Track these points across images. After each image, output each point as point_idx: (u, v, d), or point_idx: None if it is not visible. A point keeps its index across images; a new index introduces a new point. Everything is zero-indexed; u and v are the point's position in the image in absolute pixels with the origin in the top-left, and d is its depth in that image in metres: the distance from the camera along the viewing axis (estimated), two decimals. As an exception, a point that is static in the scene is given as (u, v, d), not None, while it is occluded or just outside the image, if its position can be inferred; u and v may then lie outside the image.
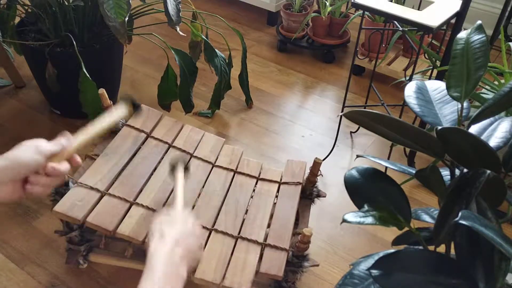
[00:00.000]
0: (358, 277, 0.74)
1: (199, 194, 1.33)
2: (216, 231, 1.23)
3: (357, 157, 0.96)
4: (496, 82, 1.53)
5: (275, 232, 1.25)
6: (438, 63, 1.67)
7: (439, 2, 1.57)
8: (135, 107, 1.14)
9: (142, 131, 1.45)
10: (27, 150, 0.80)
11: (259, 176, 1.42)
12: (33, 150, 0.80)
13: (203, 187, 1.35)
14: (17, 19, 1.94)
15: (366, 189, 0.84)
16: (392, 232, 0.81)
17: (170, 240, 0.81)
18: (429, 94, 0.86)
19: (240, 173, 1.41)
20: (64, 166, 0.82)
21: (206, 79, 2.27)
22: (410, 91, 0.85)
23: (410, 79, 1.63)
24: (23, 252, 1.50)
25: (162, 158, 1.39)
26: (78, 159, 0.87)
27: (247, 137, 2.02)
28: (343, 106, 1.84)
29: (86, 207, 1.21)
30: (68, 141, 0.87)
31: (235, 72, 2.07)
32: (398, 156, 1.94)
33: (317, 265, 1.24)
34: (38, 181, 0.79)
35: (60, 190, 1.27)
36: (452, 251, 0.75)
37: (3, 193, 0.78)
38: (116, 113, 1.11)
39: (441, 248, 0.78)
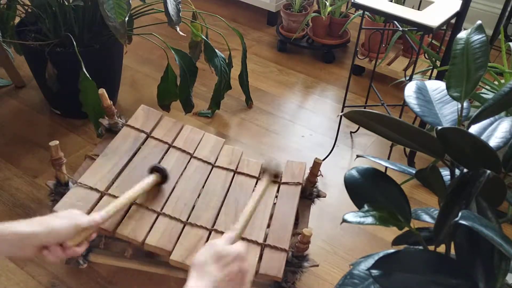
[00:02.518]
0: (358, 277, 0.74)
1: (199, 194, 1.33)
2: (216, 231, 1.23)
3: (357, 157, 0.96)
4: (496, 82, 1.53)
5: (274, 232, 1.25)
6: (438, 63, 1.67)
7: (439, 2, 1.57)
8: (163, 177, 1.26)
9: (142, 131, 1.45)
10: (65, 222, 0.84)
11: (259, 176, 1.42)
12: (70, 225, 0.85)
13: (203, 187, 1.35)
14: (17, 19, 1.94)
15: (366, 189, 0.84)
16: (392, 232, 0.81)
17: (211, 279, 0.74)
18: (429, 94, 0.86)
19: (240, 173, 1.41)
20: (82, 249, 0.88)
21: (206, 79, 2.27)
22: (410, 91, 0.85)
23: (410, 79, 1.63)
24: (23, 252, 1.50)
25: (162, 158, 1.39)
26: (94, 236, 0.93)
27: (247, 137, 2.02)
28: (343, 106, 1.84)
29: (86, 207, 1.21)
30: (101, 218, 0.94)
31: (235, 72, 2.07)
32: (398, 156, 1.94)
33: (317, 265, 1.24)
34: (56, 252, 0.83)
35: (60, 190, 1.27)
36: (452, 251, 0.75)
37: (22, 253, 0.81)
38: (146, 182, 1.20)
39: (441, 248, 0.78)
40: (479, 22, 0.81)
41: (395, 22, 1.75)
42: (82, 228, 0.87)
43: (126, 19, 1.50)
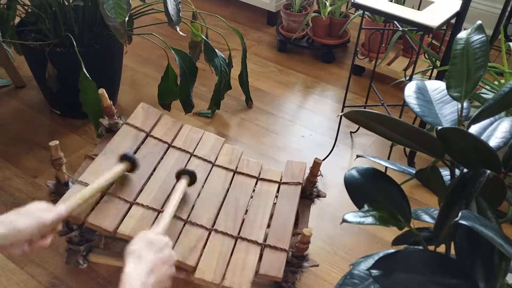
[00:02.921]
0: (358, 277, 0.74)
1: (199, 194, 1.33)
2: (216, 231, 1.23)
3: (357, 157, 0.96)
4: (496, 82, 1.52)
5: (275, 232, 1.25)
6: (438, 63, 1.67)
7: (439, 2, 1.57)
8: (134, 164, 1.26)
9: (142, 130, 1.45)
10: (30, 221, 0.85)
11: (259, 176, 1.42)
12: (36, 223, 0.85)
13: (202, 187, 1.35)
14: (17, 19, 1.94)
15: (366, 189, 0.84)
16: (392, 232, 0.81)
17: (147, 264, 0.82)
18: (429, 94, 0.86)
19: (240, 173, 1.41)
20: (48, 241, 0.90)
21: (206, 79, 2.27)
22: (410, 91, 0.85)
23: (410, 79, 1.63)
24: (23, 252, 1.50)
25: (162, 157, 1.39)
26: (59, 227, 0.94)
27: (247, 137, 2.02)
28: (343, 106, 1.84)
29: (86, 207, 1.21)
30: (66, 210, 0.94)
31: (235, 72, 2.07)
32: (398, 156, 1.94)
33: (317, 265, 1.24)
34: (23, 248, 0.86)
35: (60, 190, 1.27)
36: (452, 251, 0.75)
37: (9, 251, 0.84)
38: (114, 171, 1.19)
39: (441, 248, 0.78)
40: (479, 22, 0.81)
41: (395, 22, 1.75)
42: (49, 225, 0.88)
43: (126, 19, 1.50)
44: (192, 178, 1.29)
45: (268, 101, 2.22)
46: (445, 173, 0.83)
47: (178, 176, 1.29)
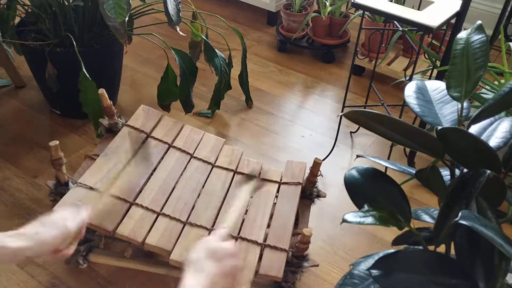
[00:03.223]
0: (358, 277, 0.74)
1: (199, 194, 1.33)
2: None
3: (357, 157, 0.96)
4: (496, 82, 1.52)
5: (274, 232, 1.25)
6: (438, 63, 1.67)
7: (439, 2, 1.57)
8: None
9: (142, 131, 1.45)
10: (55, 232, 0.84)
11: (259, 176, 1.42)
12: (60, 234, 0.85)
13: (203, 187, 1.35)
14: (17, 19, 1.94)
15: (366, 189, 0.84)
16: (392, 232, 0.81)
17: (208, 277, 0.76)
18: (429, 94, 0.86)
19: (240, 173, 1.41)
20: (72, 249, 0.89)
21: (206, 79, 2.27)
22: (410, 91, 0.85)
23: (410, 79, 1.63)
24: (23, 252, 1.50)
25: (162, 158, 1.39)
26: (83, 232, 0.93)
27: (247, 137, 2.02)
28: (343, 106, 1.84)
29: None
30: (89, 217, 0.93)
31: (235, 72, 2.07)
32: (398, 156, 1.94)
33: (317, 265, 1.24)
34: (48, 258, 0.87)
35: (60, 190, 1.27)
36: (452, 251, 0.75)
37: (14, 262, 0.84)
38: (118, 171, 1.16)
39: (441, 248, 0.78)
40: (479, 22, 0.81)
41: (395, 22, 1.75)
42: (73, 234, 0.88)
43: (126, 19, 1.50)
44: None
45: (268, 101, 2.22)
46: (445, 173, 0.83)
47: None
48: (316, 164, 1.37)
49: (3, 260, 0.80)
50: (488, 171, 0.65)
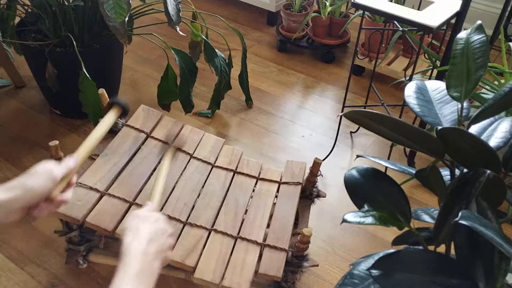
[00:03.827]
0: (358, 277, 0.74)
1: (199, 195, 1.33)
2: (216, 231, 1.23)
3: (357, 157, 0.96)
4: (496, 82, 1.52)
5: (274, 232, 1.25)
6: (438, 63, 1.67)
7: (439, 2, 1.57)
8: (124, 110, 1.17)
9: (142, 131, 1.45)
10: (40, 178, 0.83)
11: (258, 176, 1.42)
12: (45, 178, 0.83)
13: (202, 187, 1.35)
14: (17, 19, 1.94)
15: (366, 189, 0.84)
16: (392, 232, 0.81)
17: (145, 237, 0.81)
18: (429, 94, 0.86)
19: (239, 173, 1.41)
20: (69, 195, 0.87)
21: (206, 79, 2.27)
22: (410, 91, 0.85)
23: (410, 79, 1.63)
24: (23, 252, 1.50)
25: (162, 158, 1.39)
26: (74, 180, 0.91)
27: (247, 137, 2.02)
28: (343, 106, 1.84)
29: (86, 207, 1.21)
30: (74, 162, 0.91)
31: (235, 72, 2.07)
32: (398, 156, 1.94)
33: (317, 265, 1.24)
34: (46, 207, 0.83)
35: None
36: (452, 251, 0.75)
37: (9, 219, 0.81)
38: (108, 119, 1.14)
39: (441, 248, 0.78)
40: (479, 22, 0.81)
41: (395, 22, 1.75)
42: (60, 178, 0.86)
43: (126, 19, 1.50)
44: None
45: (268, 101, 2.22)
46: (445, 173, 0.83)
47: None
48: (316, 164, 1.37)
49: None
50: (488, 171, 0.65)
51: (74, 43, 1.66)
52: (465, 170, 0.75)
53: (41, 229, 1.57)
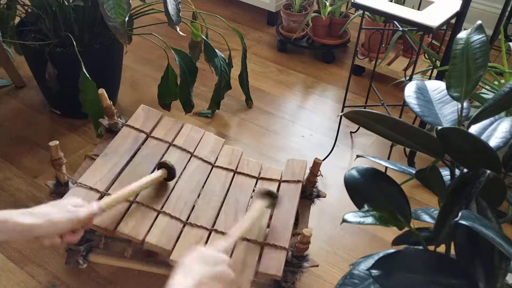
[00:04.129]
0: (358, 277, 0.74)
1: (199, 195, 1.33)
2: (216, 231, 1.23)
3: (357, 157, 0.96)
4: (496, 82, 1.52)
5: (274, 232, 1.25)
6: (438, 63, 1.67)
7: (439, 2, 1.57)
8: (170, 175, 1.25)
9: (142, 131, 1.45)
10: (66, 216, 0.86)
11: (259, 176, 1.42)
12: (71, 219, 0.86)
13: (203, 187, 1.35)
14: (17, 19, 1.94)
15: (366, 189, 0.84)
16: (392, 232, 0.81)
17: (195, 278, 0.77)
18: (429, 94, 0.86)
19: (240, 173, 1.41)
20: (78, 236, 0.90)
21: (206, 79, 2.27)
22: (410, 91, 0.85)
23: (410, 79, 1.63)
24: (23, 252, 1.50)
25: (162, 157, 1.39)
26: (90, 224, 0.95)
27: (247, 137, 2.02)
28: (343, 106, 1.84)
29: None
30: (100, 208, 0.95)
31: (235, 72, 2.07)
32: (398, 156, 1.94)
33: (317, 266, 1.24)
34: (53, 241, 0.86)
35: (60, 190, 1.27)
36: (452, 251, 0.75)
37: (22, 240, 0.87)
38: (152, 177, 1.18)
39: (441, 248, 0.78)
40: (479, 22, 0.81)
41: (395, 22, 1.75)
42: (81, 222, 0.89)
43: (126, 19, 1.50)
44: (273, 198, 1.20)
45: (268, 101, 2.22)
46: (445, 173, 0.83)
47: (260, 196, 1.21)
48: (316, 164, 1.37)
49: (13, 237, 0.82)
50: (488, 171, 0.65)
51: (74, 43, 1.66)
52: (465, 170, 0.75)
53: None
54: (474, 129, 0.82)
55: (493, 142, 0.78)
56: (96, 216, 0.95)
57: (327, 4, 2.39)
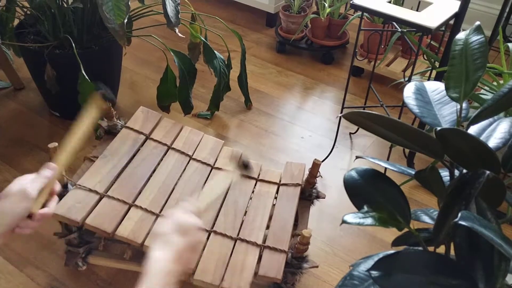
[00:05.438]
0: (358, 278, 0.74)
1: (198, 196, 1.32)
2: (215, 232, 1.23)
3: (356, 158, 0.96)
4: (495, 83, 1.53)
5: (274, 233, 1.25)
6: (437, 64, 1.67)
7: (437, 3, 1.58)
8: (107, 100, 1.09)
9: (141, 133, 1.45)
10: (14, 200, 0.80)
11: (258, 177, 1.42)
12: (19, 199, 0.80)
13: (202, 189, 1.34)
14: (16, 21, 1.94)
15: (366, 190, 0.84)
16: (391, 233, 0.81)
17: (174, 250, 0.78)
18: (428, 95, 0.86)
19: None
20: (52, 207, 0.83)
21: (205, 81, 2.27)
22: (409, 92, 0.85)
23: (409, 80, 1.63)
24: (22, 254, 1.50)
25: (161, 159, 1.39)
26: (57, 188, 0.87)
27: (246, 138, 2.02)
28: (342, 107, 1.84)
29: (85, 209, 1.20)
30: (52, 171, 0.86)
31: (234, 73, 2.07)
32: (397, 157, 1.94)
33: (317, 267, 1.24)
34: (27, 225, 0.79)
35: (59, 192, 1.27)
36: (452, 252, 0.75)
37: None
38: (88, 116, 1.05)
39: (441, 249, 0.78)
40: (477, 23, 0.81)
41: (394, 23, 1.75)
42: (37, 194, 0.82)
43: (125, 20, 1.50)
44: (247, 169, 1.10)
45: (267, 103, 2.22)
46: (445, 173, 0.83)
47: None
48: (316, 165, 1.37)
49: None
50: (488, 172, 0.65)
51: (73, 45, 1.66)
52: (465, 170, 0.75)
53: (40, 231, 1.57)
54: (473, 129, 0.82)
55: (492, 142, 0.78)
56: (54, 179, 0.86)
57: (326, 5, 2.39)
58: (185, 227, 0.81)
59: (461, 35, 0.81)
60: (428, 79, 1.74)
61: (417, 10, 1.68)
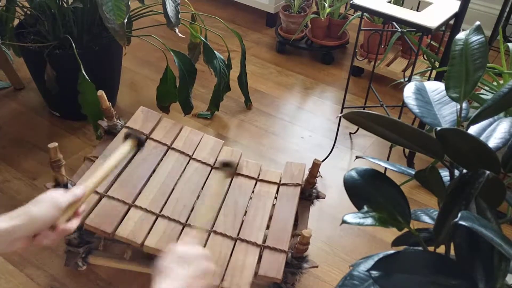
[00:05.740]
0: (358, 278, 0.74)
1: (198, 196, 1.32)
2: (215, 232, 1.23)
3: (356, 158, 0.96)
4: (495, 83, 1.53)
5: (274, 233, 1.25)
6: (437, 64, 1.67)
7: (437, 3, 1.58)
8: (140, 143, 1.14)
9: (142, 132, 1.45)
10: (45, 207, 0.82)
11: (258, 177, 1.42)
12: (50, 206, 0.82)
13: (202, 189, 1.34)
14: (16, 21, 1.94)
15: (366, 190, 0.84)
16: (391, 233, 0.81)
17: (180, 283, 0.75)
18: (428, 95, 0.86)
19: (239, 174, 1.41)
20: (74, 224, 0.85)
21: (205, 81, 2.27)
22: (409, 92, 0.85)
23: (409, 80, 1.63)
24: (22, 254, 1.50)
25: (161, 159, 1.39)
26: (81, 209, 0.89)
27: (246, 138, 2.02)
28: (342, 107, 1.84)
29: (85, 209, 1.20)
30: (82, 191, 0.90)
31: (234, 73, 2.07)
32: (397, 157, 1.94)
33: (317, 267, 1.24)
34: (47, 235, 0.81)
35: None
36: (452, 252, 0.75)
37: (14, 247, 0.79)
38: (122, 150, 1.11)
39: (441, 249, 0.78)
40: (477, 23, 0.81)
41: (394, 23, 1.75)
42: (65, 207, 0.84)
43: (125, 20, 1.50)
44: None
45: (267, 103, 2.23)
46: (445, 174, 0.83)
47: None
48: (315, 165, 1.37)
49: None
50: (488, 172, 0.66)
51: (73, 45, 1.66)
52: (465, 170, 0.75)
53: (41, 231, 1.57)
54: (473, 129, 0.82)
55: (492, 142, 0.78)
56: (82, 201, 0.89)
57: (326, 5, 2.39)
58: (187, 258, 0.80)
59: (461, 35, 0.81)
60: (428, 79, 1.74)
61: (417, 10, 1.68)
